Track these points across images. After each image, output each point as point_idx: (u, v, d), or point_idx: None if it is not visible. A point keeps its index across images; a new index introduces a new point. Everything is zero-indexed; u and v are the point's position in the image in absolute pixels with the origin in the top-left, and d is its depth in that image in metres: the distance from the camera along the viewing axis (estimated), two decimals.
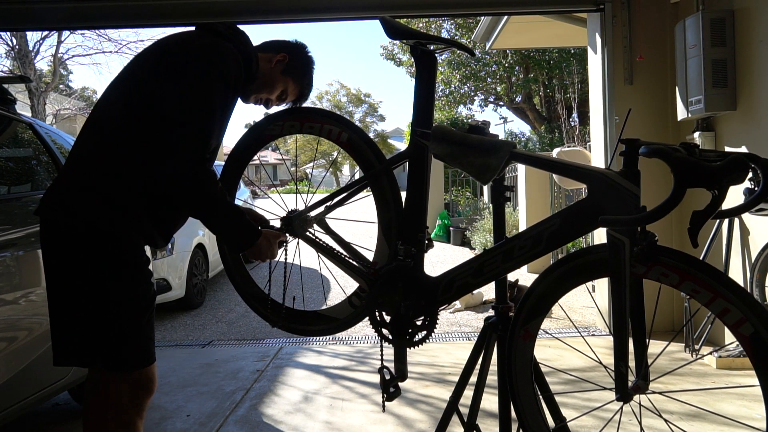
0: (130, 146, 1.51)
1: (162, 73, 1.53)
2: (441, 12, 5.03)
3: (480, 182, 1.53)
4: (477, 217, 9.32)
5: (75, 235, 1.49)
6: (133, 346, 1.53)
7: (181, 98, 1.49)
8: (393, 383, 1.69)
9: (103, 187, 1.49)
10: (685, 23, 3.60)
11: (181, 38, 1.63)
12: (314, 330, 1.86)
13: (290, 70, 1.78)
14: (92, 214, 1.48)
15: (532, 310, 1.43)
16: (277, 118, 1.84)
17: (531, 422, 1.48)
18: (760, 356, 1.16)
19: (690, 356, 3.56)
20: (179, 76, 1.51)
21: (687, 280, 1.22)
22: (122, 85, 1.61)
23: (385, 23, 1.70)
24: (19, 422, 2.88)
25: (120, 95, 1.59)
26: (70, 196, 1.51)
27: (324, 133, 1.79)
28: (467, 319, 5.03)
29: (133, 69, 1.63)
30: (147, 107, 1.50)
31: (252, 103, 1.78)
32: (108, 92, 1.63)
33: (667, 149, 1.15)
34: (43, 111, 11.61)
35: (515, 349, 1.46)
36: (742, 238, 3.50)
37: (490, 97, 16.26)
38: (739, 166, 1.09)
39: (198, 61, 1.53)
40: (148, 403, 1.58)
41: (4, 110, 2.75)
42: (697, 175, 1.10)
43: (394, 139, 34.07)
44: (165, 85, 1.51)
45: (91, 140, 1.58)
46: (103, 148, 1.53)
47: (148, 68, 1.59)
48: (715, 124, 3.73)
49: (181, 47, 1.59)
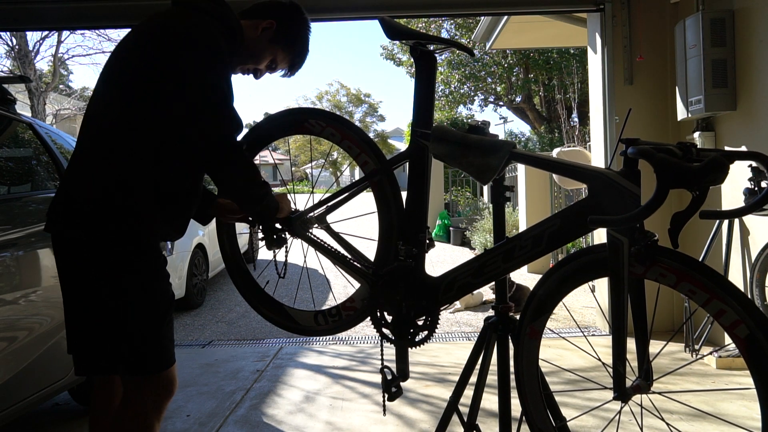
0: (132, 147, 1.45)
1: (150, 63, 1.43)
2: (441, 12, 5.03)
3: (480, 182, 1.53)
4: (477, 217, 9.33)
5: (92, 249, 1.45)
6: (155, 348, 1.50)
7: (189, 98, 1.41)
8: (394, 383, 1.69)
9: (114, 196, 1.43)
10: (685, 23, 3.60)
11: (163, 23, 1.49)
12: (273, 318, 1.91)
13: (279, 38, 1.65)
14: (107, 227, 1.43)
15: (537, 309, 1.44)
16: (325, 118, 1.78)
17: (537, 419, 1.48)
18: (756, 358, 1.16)
19: (690, 356, 3.56)
20: (174, 68, 1.41)
21: (684, 280, 1.22)
22: (111, 79, 1.51)
23: (384, 24, 1.70)
24: (19, 422, 2.88)
25: (111, 91, 1.50)
26: (81, 210, 1.44)
27: (360, 161, 1.75)
28: (467, 319, 5.03)
29: (118, 61, 1.51)
30: (142, 104, 1.43)
31: (239, 73, 1.68)
32: (99, 89, 1.53)
33: (650, 150, 1.15)
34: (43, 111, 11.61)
35: (522, 347, 1.47)
36: (742, 238, 3.50)
37: (490, 97, 16.26)
38: (718, 167, 1.09)
39: (188, 48, 1.42)
40: (167, 405, 1.55)
41: (4, 110, 2.75)
42: (678, 176, 1.10)
43: (394, 139, 34.08)
44: (161, 84, 1.42)
45: (91, 144, 1.50)
46: (106, 152, 1.46)
47: (134, 59, 1.47)
48: (715, 124, 3.73)
49: (164, 31, 1.46)
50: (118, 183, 1.44)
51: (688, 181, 1.10)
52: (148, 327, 1.49)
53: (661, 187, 1.10)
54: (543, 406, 1.49)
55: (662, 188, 1.10)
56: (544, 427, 1.48)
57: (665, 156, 1.12)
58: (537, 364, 1.48)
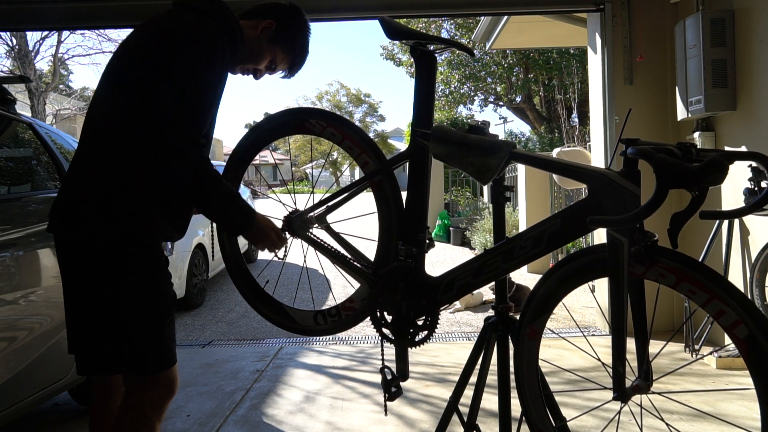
0: (132, 147, 1.45)
1: (149, 63, 1.45)
2: (441, 12, 5.04)
3: (480, 182, 1.53)
4: (477, 217, 9.33)
5: (93, 250, 1.45)
6: (156, 349, 1.51)
7: (173, 93, 1.43)
8: (394, 383, 1.70)
9: (114, 197, 1.44)
10: (685, 23, 3.60)
11: (161, 23, 1.52)
12: (273, 318, 1.90)
13: (278, 38, 1.66)
14: (108, 228, 1.43)
15: (537, 309, 1.44)
16: (324, 117, 1.78)
17: (537, 420, 1.49)
18: (755, 358, 1.16)
19: (690, 356, 3.56)
20: (168, 67, 1.43)
21: (684, 281, 1.22)
22: (113, 80, 1.54)
23: (384, 23, 1.69)
24: (19, 422, 2.88)
25: (112, 92, 1.53)
26: (81, 211, 1.45)
27: (361, 161, 1.75)
28: (467, 319, 5.03)
29: (120, 61, 1.54)
30: (142, 104, 1.44)
31: (239, 73, 1.69)
32: (101, 89, 1.56)
33: (650, 150, 1.15)
34: (43, 111, 11.62)
35: (522, 347, 1.47)
36: (742, 238, 3.50)
37: (490, 97, 16.26)
38: (717, 167, 1.09)
39: (184, 48, 1.44)
40: (168, 404, 1.56)
41: (4, 110, 2.75)
42: (677, 176, 1.10)
43: (394, 139, 34.06)
44: (158, 83, 1.44)
45: (91, 144, 1.52)
46: (106, 152, 1.47)
47: (135, 59, 1.50)
48: (715, 124, 3.73)
49: (163, 31, 1.48)
50: (118, 183, 1.44)
51: (688, 181, 1.10)
52: (149, 328, 1.50)
53: (661, 187, 1.10)
54: (543, 406, 1.49)
55: (661, 188, 1.10)
56: (544, 428, 1.48)
57: (665, 156, 1.12)
58: (537, 365, 1.49)
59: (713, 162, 1.09)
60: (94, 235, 1.45)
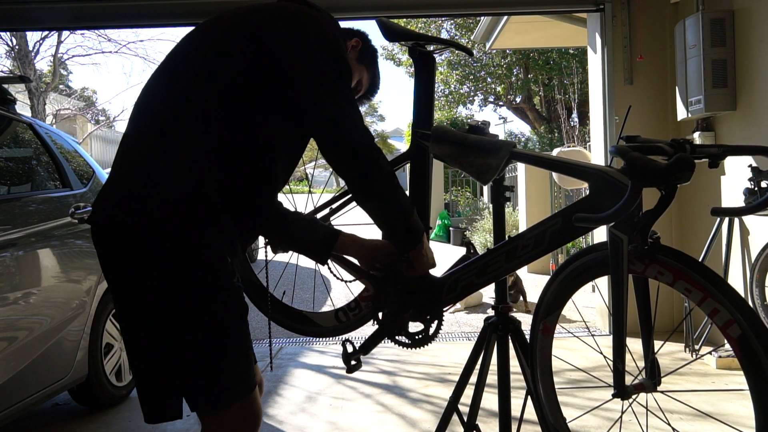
0: (221, 147, 1.23)
1: (269, 62, 1.25)
2: (441, 12, 5.03)
3: (480, 182, 1.53)
4: (477, 217, 9.34)
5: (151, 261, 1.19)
6: (224, 377, 1.23)
7: (318, 90, 1.26)
8: (355, 356, 1.69)
9: (181, 203, 1.19)
10: (685, 23, 3.60)
11: (275, 11, 1.31)
12: (301, 329, 1.82)
13: (363, 58, 1.56)
14: (180, 228, 1.19)
15: (549, 306, 1.45)
16: None
17: (551, 416, 1.48)
18: (748, 358, 1.16)
19: (690, 356, 3.56)
20: (302, 64, 1.25)
21: (680, 279, 1.22)
22: (200, 73, 1.27)
23: (382, 25, 1.68)
24: (19, 422, 2.88)
25: (207, 86, 1.25)
26: (145, 207, 1.18)
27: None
28: (467, 319, 5.03)
29: (214, 54, 1.28)
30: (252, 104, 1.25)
31: None
32: (167, 81, 1.31)
33: (625, 148, 1.15)
34: (43, 111, 11.61)
35: (536, 344, 1.47)
36: (742, 238, 3.50)
37: (490, 97, 16.26)
38: (684, 166, 1.09)
39: (319, 41, 1.28)
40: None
41: (4, 110, 2.76)
42: (645, 175, 1.10)
43: (394, 139, 34.06)
44: (284, 83, 1.26)
45: (162, 138, 1.23)
46: (181, 149, 1.22)
47: (240, 51, 1.26)
48: (715, 124, 3.74)
49: (285, 22, 1.29)
50: (186, 187, 1.20)
51: (656, 179, 1.11)
52: (212, 353, 1.22)
53: (632, 186, 1.11)
54: (557, 403, 1.48)
55: (633, 186, 1.11)
56: (558, 425, 1.48)
57: (637, 155, 1.12)
58: (550, 361, 1.49)
59: (679, 161, 1.09)
60: (154, 245, 1.19)
